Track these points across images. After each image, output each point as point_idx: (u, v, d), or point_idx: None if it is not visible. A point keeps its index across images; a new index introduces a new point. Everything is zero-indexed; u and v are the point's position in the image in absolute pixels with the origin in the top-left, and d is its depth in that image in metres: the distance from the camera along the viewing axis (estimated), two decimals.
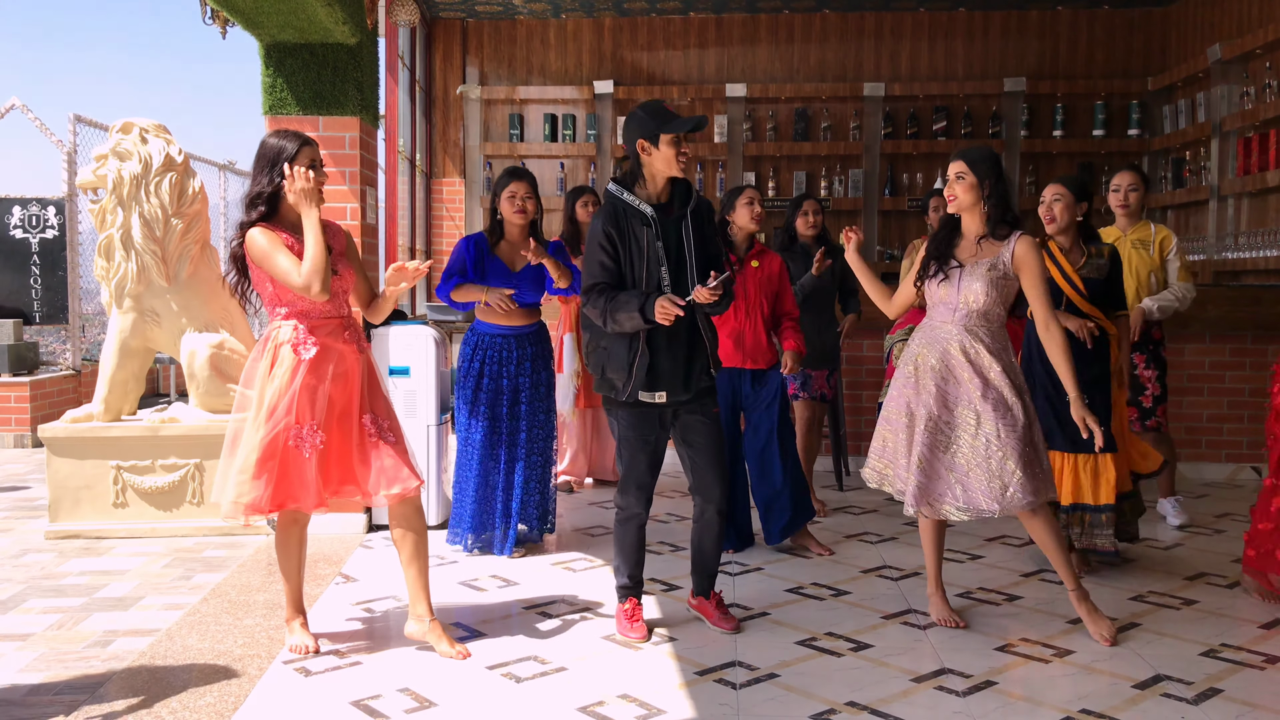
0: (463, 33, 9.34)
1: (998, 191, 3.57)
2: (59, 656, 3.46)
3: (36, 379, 7.84)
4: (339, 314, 3.42)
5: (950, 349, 3.57)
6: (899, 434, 3.66)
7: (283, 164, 3.32)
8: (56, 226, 8.28)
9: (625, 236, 3.47)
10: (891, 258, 8.87)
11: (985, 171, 3.56)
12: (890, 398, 3.73)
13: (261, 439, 3.30)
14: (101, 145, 5.17)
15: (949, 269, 3.60)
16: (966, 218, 3.65)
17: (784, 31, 9.19)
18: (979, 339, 3.56)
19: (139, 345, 5.20)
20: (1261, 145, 7.14)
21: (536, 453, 4.63)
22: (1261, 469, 6.38)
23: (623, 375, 3.48)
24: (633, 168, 3.55)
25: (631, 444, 3.59)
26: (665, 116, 3.45)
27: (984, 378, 3.52)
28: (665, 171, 3.48)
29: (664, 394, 3.51)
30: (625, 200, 3.51)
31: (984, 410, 3.49)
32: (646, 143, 3.45)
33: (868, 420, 6.48)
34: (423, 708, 3.02)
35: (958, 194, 3.60)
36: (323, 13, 4.54)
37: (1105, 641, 3.52)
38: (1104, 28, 8.98)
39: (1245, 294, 6.36)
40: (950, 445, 3.55)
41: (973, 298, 3.55)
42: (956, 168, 3.61)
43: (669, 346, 3.48)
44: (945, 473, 3.54)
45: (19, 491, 6.16)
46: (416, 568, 3.48)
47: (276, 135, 3.40)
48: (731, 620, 3.68)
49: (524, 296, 4.56)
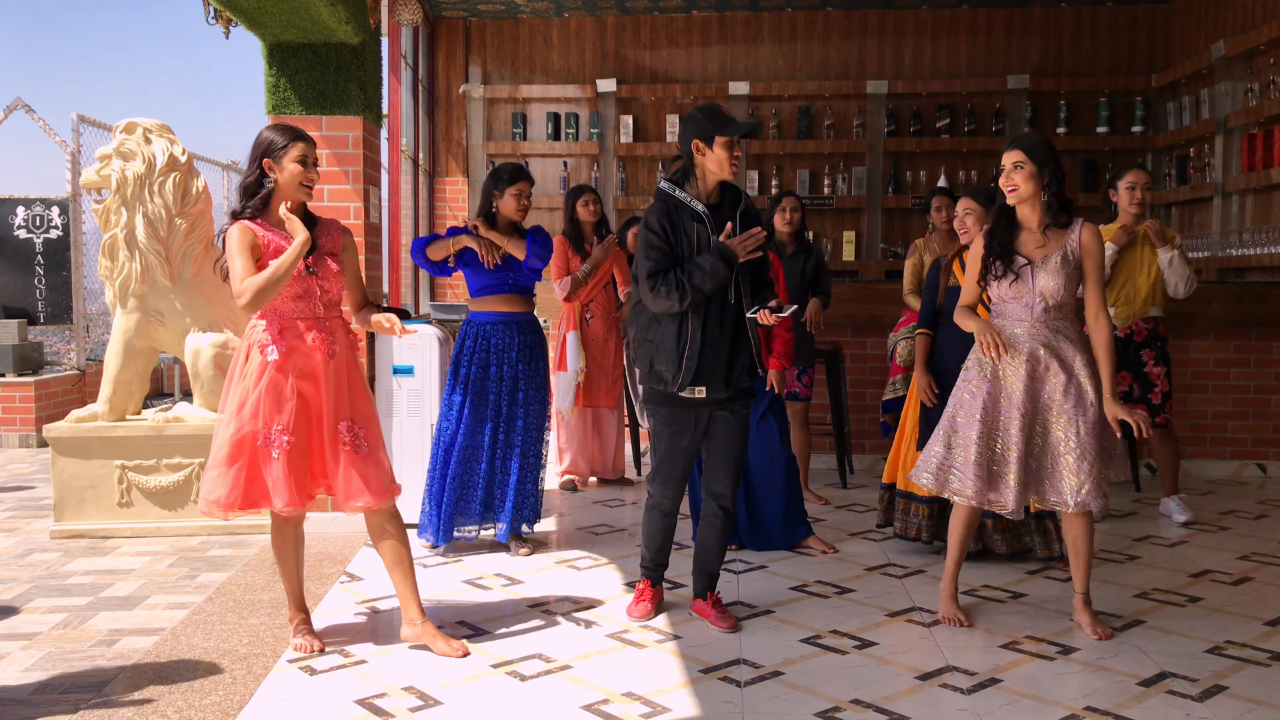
0: (465, 32, 9.34)
1: (1057, 179, 3.50)
2: (64, 655, 3.47)
3: (41, 379, 7.86)
4: (312, 315, 3.37)
5: (1035, 347, 3.51)
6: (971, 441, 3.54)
7: (265, 157, 3.31)
8: (60, 227, 8.29)
9: (677, 231, 3.52)
10: (895, 255, 8.86)
11: (1044, 159, 3.49)
12: (961, 403, 3.62)
13: (230, 436, 3.31)
14: (105, 145, 5.18)
15: (1017, 267, 3.52)
16: (1025, 209, 3.56)
17: (787, 29, 9.18)
18: (1062, 333, 3.51)
19: (143, 345, 5.21)
20: (1266, 142, 7.12)
21: (531, 442, 4.60)
22: (1266, 466, 6.37)
23: (672, 367, 3.52)
24: (685, 167, 3.60)
25: (666, 439, 3.65)
26: (721, 120, 3.50)
27: (1069, 372, 3.48)
28: (717, 174, 3.54)
29: (704, 389, 3.55)
30: (678, 198, 3.56)
31: (1066, 407, 3.47)
32: (702, 143, 3.51)
33: (871, 419, 6.48)
34: (427, 706, 3.02)
35: (1018, 184, 3.51)
36: (326, 12, 4.55)
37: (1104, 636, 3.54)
38: (1108, 24, 8.96)
39: (1249, 291, 6.35)
40: (1044, 443, 3.51)
41: (1050, 293, 3.49)
42: (1014, 157, 3.51)
43: (714, 342, 3.52)
44: (1042, 470, 3.51)
45: (24, 491, 6.17)
46: (400, 573, 3.49)
47: (272, 128, 3.38)
48: (730, 619, 3.68)
49: (519, 280, 4.57)
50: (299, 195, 3.38)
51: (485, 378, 4.53)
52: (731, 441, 3.66)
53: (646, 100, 9.19)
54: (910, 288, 5.89)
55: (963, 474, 3.56)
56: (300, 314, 3.36)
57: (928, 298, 4.49)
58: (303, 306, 3.36)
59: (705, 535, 3.77)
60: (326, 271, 3.40)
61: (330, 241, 3.45)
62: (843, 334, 6.48)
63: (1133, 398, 5.12)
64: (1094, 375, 3.50)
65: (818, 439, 6.54)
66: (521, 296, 4.60)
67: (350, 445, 3.36)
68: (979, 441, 3.53)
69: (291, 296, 3.34)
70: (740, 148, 3.53)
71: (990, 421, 3.55)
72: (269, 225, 3.37)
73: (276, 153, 3.32)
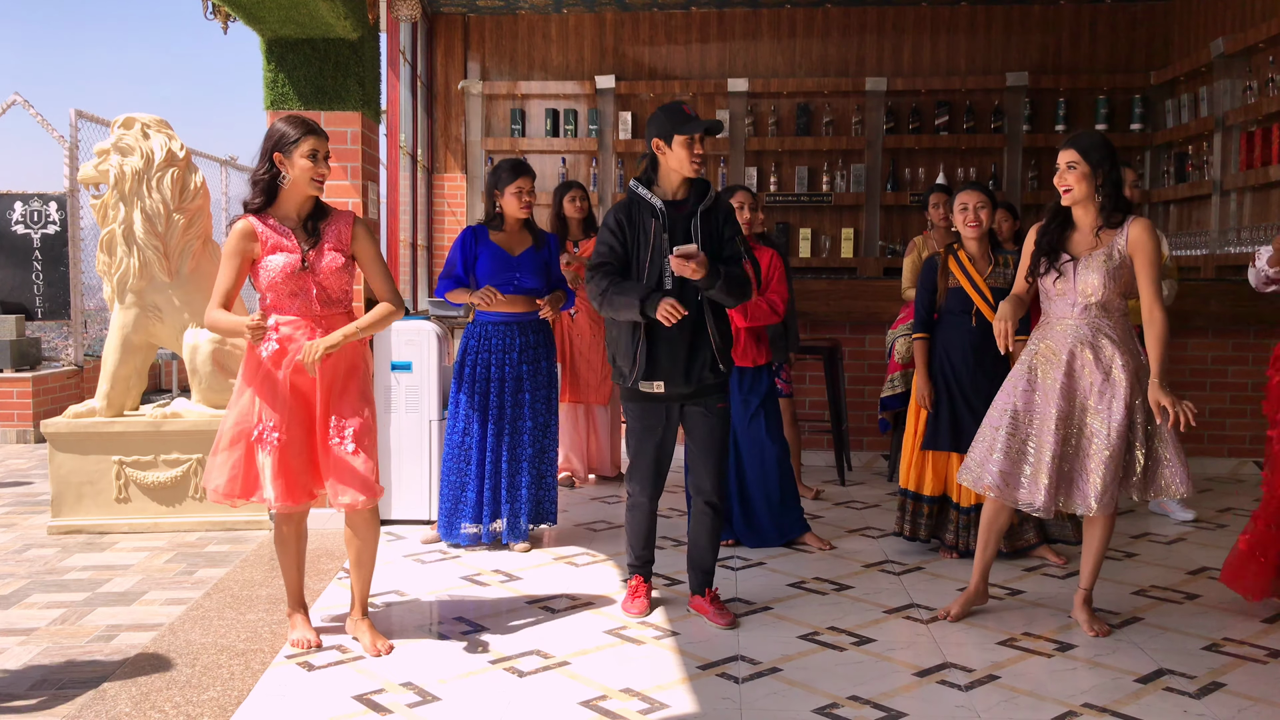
0: (464, 27, 9.32)
1: (1112, 179, 3.45)
2: (62, 651, 3.47)
3: (39, 374, 7.85)
4: (308, 313, 3.35)
5: (1074, 344, 3.49)
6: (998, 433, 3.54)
7: (276, 150, 3.29)
8: (58, 222, 8.28)
9: (634, 227, 3.59)
10: (893, 252, 8.86)
11: (1099, 159, 3.44)
12: (1000, 397, 3.61)
13: (228, 426, 3.35)
14: (103, 140, 5.17)
15: (1061, 264, 3.50)
16: (1079, 210, 3.51)
17: (786, 26, 9.17)
18: (1102, 332, 3.49)
19: (141, 340, 5.20)
20: (1264, 139, 7.12)
21: (538, 442, 4.59)
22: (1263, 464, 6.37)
23: (628, 361, 3.59)
24: (650, 165, 3.64)
25: (638, 434, 3.70)
26: (681, 118, 3.53)
27: (1106, 373, 3.46)
28: (679, 171, 3.58)
29: (661, 384, 3.59)
30: (639, 194, 3.62)
31: (1100, 407, 3.45)
32: (661, 142, 3.56)
33: (869, 415, 6.48)
34: (425, 702, 3.02)
35: (1071, 184, 3.45)
36: (324, 8, 4.54)
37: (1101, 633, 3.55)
38: (1106, 22, 8.96)
39: (1247, 289, 6.33)
40: (1077, 442, 3.49)
41: (1090, 290, 3.46)
42: (1068, 156, 3.45)
43: (668, 338, 3.55)
44: (1073, 471, 3.49)
45: (22, 487, 6.17)
46: (357, 574, 3.50)
47: (285, 120, 3.34)
48: (728, 615, 3.69)
49: (525, 281, 4.55)
50: (310, 190, 3.35)
51: (488, 378, 4.53)
52: (709, 437, 3.68)
53: (645, 97, 9.18)
54: (909, 284, 5.89)
55: (987, 468, 3.57)
56: (296, 310, 3.35)
57: (924, 298, 4.42)
58: (298, 304, 3.34)
59: (696, 532, 3.80)
60: (325, 269, 3.35)
61: (335, 237, 3.39)
62: (841, 330, 6.48)
63: None
64: (1134, 376, 3.45)
65: (816, 436, 6.55)
66: (525, 297, 4.59)
67: (339, 442, 3.34)
68: (1006, 437, 3.53)
69: (286, 294, 3.33)
70: (702, 145, 3.54)
71: (1023, 418, 3.53)
72: (275, 220, 3.36)
73: (287, 146, 3.29)
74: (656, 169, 3.63)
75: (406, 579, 4.21)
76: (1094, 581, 3.67)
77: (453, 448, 4.58)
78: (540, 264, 4.59)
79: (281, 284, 3.31)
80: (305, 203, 3.39)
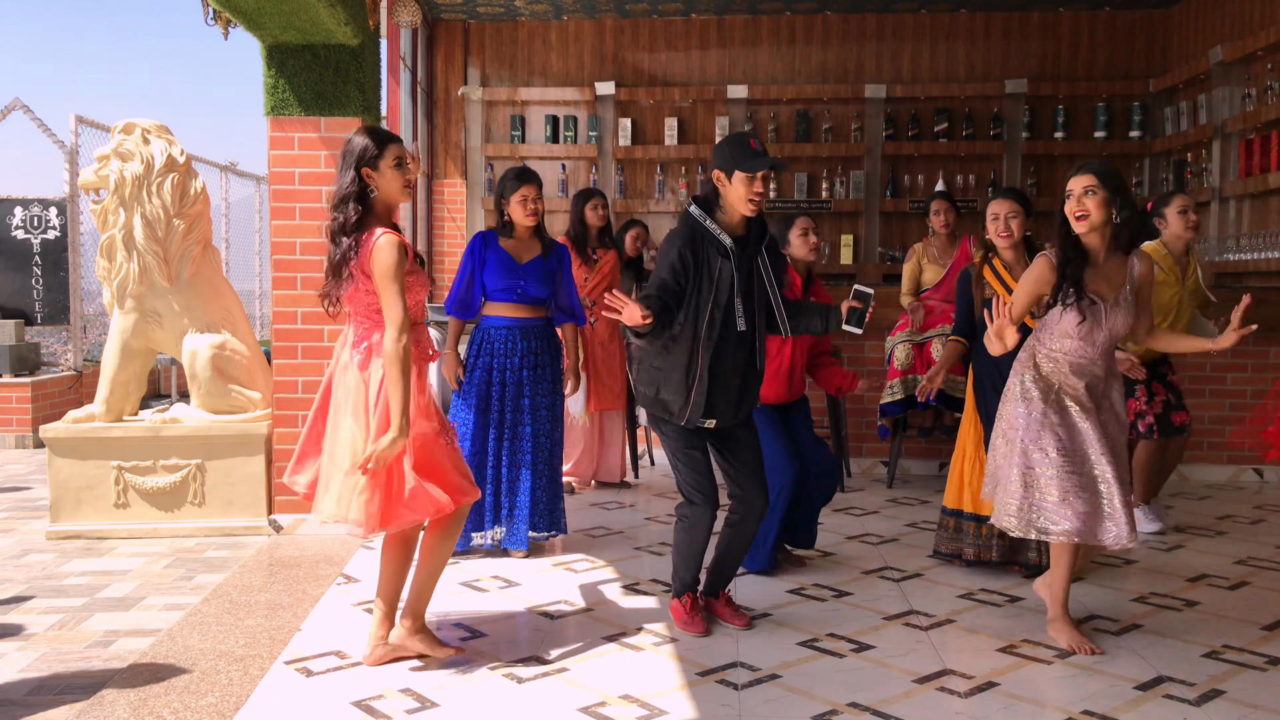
0: (464, 34, 9.34)
1: (1129, 207, 3.39)
2: (60, 656, 3.46)
3: (38, 379, 7.85)
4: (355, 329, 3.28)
5: (1094, 379, 3.49)
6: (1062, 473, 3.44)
7: (365, 165, 3.20)
8: (58, 227, 8.29)
9: (699, 262, 3.46)
10: (892, 259, 8.87)
11: (1117, 185, 3.38)
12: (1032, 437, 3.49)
13: None
14: (103, 146, 5.18)
15: (1086, 306, 3.40)
16: (1093, 237, 3.42)
17: (785, 33, 9.19)
18: (1109, 366, 3.52)
19: (141, 346, 5.20)
20: (1263, 147, 7.13)
21: (542, 449, 4.57)
22: (1263, 470, 6.38)
23: (679, 400, 3.50)
24: (712, 194, 3.55)
25: (684, 458, 3.61)
26: (745, 153, 3.42)
27: (1106, 404, 3.50)
28: (737, 207, 3.48)
29: (714, 421, 3.57)
30: (706, 227, 3.50)
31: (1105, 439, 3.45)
32: (723, 175, 3.48)
33: (868, 422, 6.48)
34: (424, 708, 3.02)
35: (1090, 210, 3.35)
36: (325, 14, 4.55)
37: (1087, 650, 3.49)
38: (1105, 29, 8.98)
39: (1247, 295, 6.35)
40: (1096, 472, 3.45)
41: (1120, 329, 3.46)
42: (1085, 181, 3.36)
43: (725, 376, 3.51)
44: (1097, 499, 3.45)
45: (20, 492, 6.16)
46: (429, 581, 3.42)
47: (362, 133, 3.25)
48: (744, 616, 3.70)
49: (530, 289, 4.55)
50: (401, 197, 3.30)
51: (489, 382, 4.53)
52: (753, 456, 3.68)
53: (645, 103, 9.19)
54: (908, 290, 5.90)
55: (1056, 512, 3.44)
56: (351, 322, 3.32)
57: (963, 309, 4.34)
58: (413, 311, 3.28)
59: (731, 544, 3.72)
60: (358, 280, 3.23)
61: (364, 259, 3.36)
62: (840, 337, 6.48)
63: (1172, 405, 5.05)
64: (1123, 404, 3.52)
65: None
66: (529, 305, 4.59)
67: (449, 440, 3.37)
68: (1067, 475, 3.42)
69: (413, 303, 3.24)
70: (764, 184, 3.44)
71: (1072, 451, 3.45)
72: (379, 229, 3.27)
73: (373, 159, 3.21)
74: (718, 198, 3.53)
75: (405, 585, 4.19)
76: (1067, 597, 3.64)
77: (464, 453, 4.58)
78: (546, 272, 4.59)
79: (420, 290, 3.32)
80: (394, 212, 3.35)
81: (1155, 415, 5.02)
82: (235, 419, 5.08)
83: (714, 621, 3.74)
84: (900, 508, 5.61)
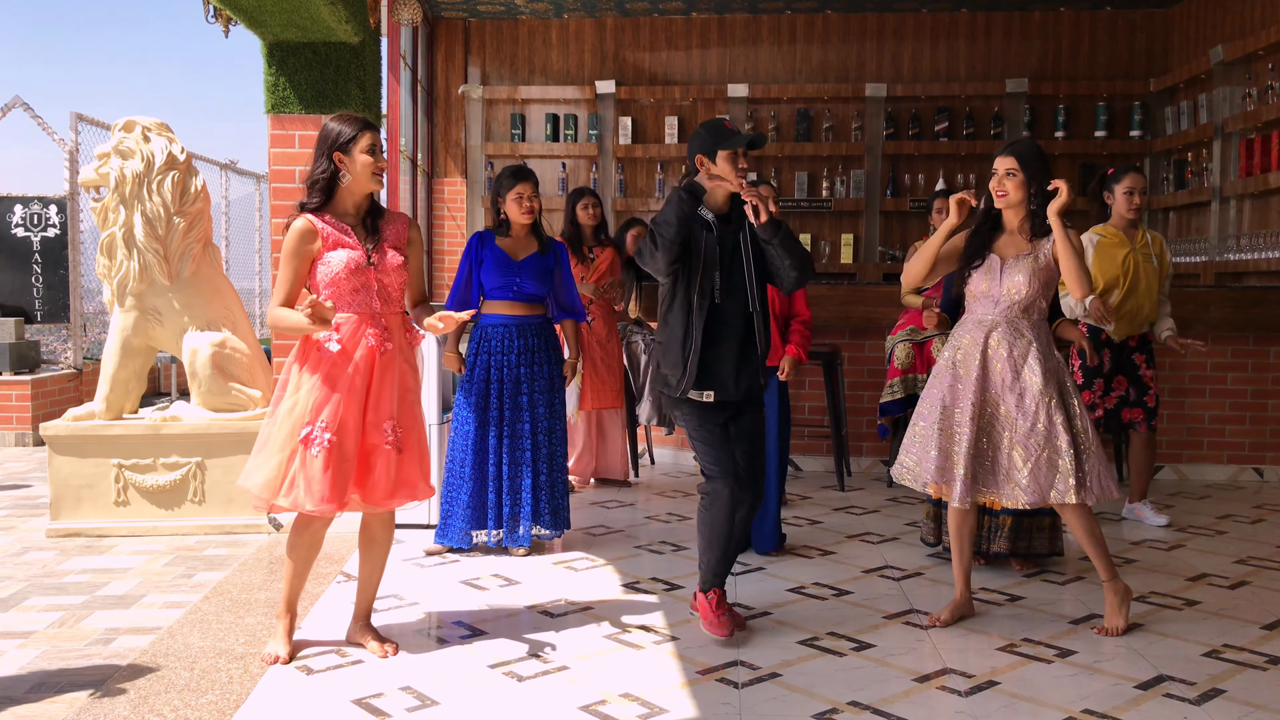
0: (465, 32, 9.34)
1: (1043, 191, 3.59)
2: (61, 654, 3.46)
3: (38, 378, 7.84)
4: (368, 309, 3.34)
5: (990, 339, 3.60)
6: (932, 427, 3.65)
7: (335, 150, 3.29)
8: (58, 225, 8.28)
9: (689, 236, 3.53)
10: (893, 258, 8.87)
11: (1035, 171, 3.58)
12: (926, 394, 3.74)
13: (283, 426, 3.30)
14: (103, 144, 5.17)
15: (990, 264, 3.63)
16: (1010, 213, 3.66)
17: (786, 32, 9.19)
18: (1019, 331, 3.59)
19: (141, 344, 5.20)
20: (1264, 146, 7.14)
21: (542, 446, 4.57)
22: (1263, 470, 6.38)
23: (677, 371, 3.54)
24: (695, 180, 3.61)
25: (703, 438, 3.59)
26: (724, 134, 3.51)
27: (1015, 370, 3.57)
28: (724, 186, 3.53)
29: (712, 393, 3.55)
30: (691, 205, 3.56)
31: (1012, 401, 3.55)
32: (705, 158, 3.53)
33: (869, 421, 6.48)
34: (424, 706, 3.02)
35: (1008, 190, 3.60)
36: (325, 12, 4.55)
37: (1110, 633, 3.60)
38: (1106, 29, 8.98)
39: (1247, 296, 6.36)
40: (993, 436, 3.59)
41: (1015, 290, 3.58)
42: (1007, 164, 3.60)
43: (721, 346, 3.53)
44: (990, 463, 3.59)
45: (20, 490, 6.16)
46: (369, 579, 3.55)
47: (337, 119, 3.34)
48: (737, 619, 3.67)
49: (526, 287, 4.55)
50: (372, 184, 3.35)
51: (487, 380, 4.52)
52: (753, 442, 3.66)
53: (645, 102, 9.19)
54: (909, 289, 5.89)
55: (925, 465, 3.65)
56: (357, 308, 3.33)
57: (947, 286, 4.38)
58: (359, 301, 3.33)
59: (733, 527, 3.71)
60: (386, 266, 3.35)
61: (395, 234, 3.41)
62: (840, 336, 6.48)
63: (1129, 401, 5.12)
64: (1053, 379, 3.56)
65: (815, 441, 6.55)
66: (526, 303, 4.59)
67: (392, 445, 3.34)
68: (938, 433, 3.63)
69: (348, 291, 3.31)
70: (747, 160, 3.51)
71: (950, 412, 3.64)
72: (332, 218, 3.34)
73: (346, 144, 3.29)
74: (701, 184, 3.58)
75: (405, 583, 4.20)
76: (1110, 570, 3.67)
77: (454, 451, 4.58)
78: (543, 270, 4.59)
79: (344, 280, 3.30)
80: (364, 200, 3.39)
81: (1106, 410, 5.11)
82: (235, 417, 5.08)
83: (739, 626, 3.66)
84: (900, 507, 5.61)
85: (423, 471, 3.45)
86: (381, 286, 3.36)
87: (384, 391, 3.35)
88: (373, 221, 3.39)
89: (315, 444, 3.25)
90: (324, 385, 3.29)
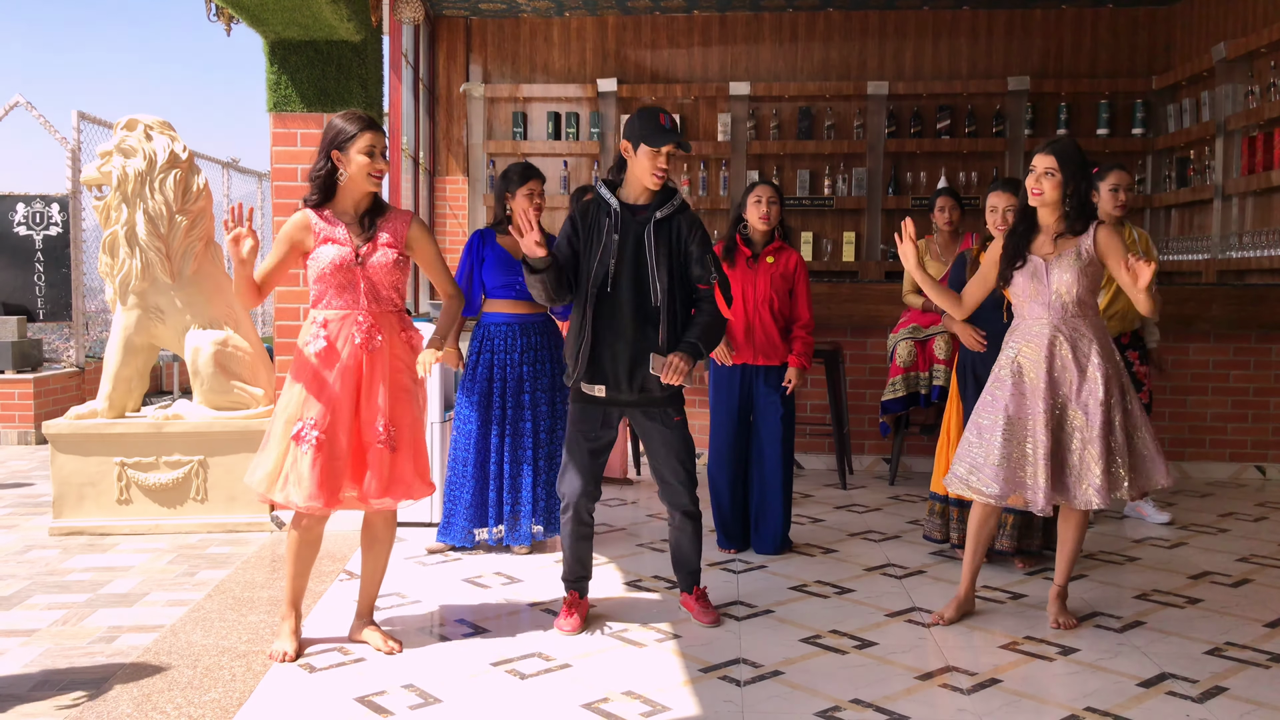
0: (466, 30, 9.34)
1: (1081, 190, 3.55)
2: (64, 652, 3.46)
3: (40, 376, 7.85)
4: (355, 308, 3.34)
5: (1055, 346, 3.54)
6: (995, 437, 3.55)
7: (334, 147, 3.32)
8: (60, 224, 8.28)
9: (589, 226, 3.56)
10: (894, 256, 8.86)
11: (1073, 172, 3.52)
12: (983, 403, 3.65)
13: (278, 423, 3.35)
14: (106, 142, 5.18)
15: (1033, 267, 3.57)
16: (1045, 211, 3.61)
17: (788, 30, 9.18)
18: (1080, 332, 3.55)
19: (143, 342, 5.20)
20: (1266, 144, 7.13)
21: (544, 445, 4.55)
22: (1266, 468, 6.38)
23: (571, 361, 3.57)
24: (618, 166, 3.62)
25: (572, 437, 3.64)
26: (653, 128, 3.48)
27: (1082, 370, 3.52)
28: (641, 179, 3.53)
29: (602, 388, 3.54)
30: (601, 194, 3.60)
31: (1081, 403, 3.50)
32: (629, 145, 3.53)
33: (870, 419, 6.48)
34: (427, 704, 3.02)
35: (1044, 189, 3.54)
36: (327, 10, 4.55)
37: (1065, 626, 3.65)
38: (1108, 26, 8.97)
39: (1249, 293, 6.36)
40: (1061, 438, 3.53)
41: (1064, 287, 3.53)
42: (1046, 162, 3.53)
43: (611, 341, 3.51)
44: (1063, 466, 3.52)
45: (23, 488, 6.17)
46: (371, 578, 3.57)
47: (342, 117, 3.36)
48: (712, 613, 3.69)
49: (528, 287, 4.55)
50: (367, 185, 3.36)
51: (489, 378, 4.52)
52: (667, 450, 3.61)
53: (647, 100, 9.18)
54: (910, 288, 5.89)
55: (984, 474, 3.56)
56: (344, 306, 3.34)
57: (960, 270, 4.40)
58: (346, 298, 3.34)
59: (678, 540, 3.75)
60: (376, 264, 3.35)
61: (392, 233, 3.40)
62: (842, 334, 6.48)
63: None
64: (1111, 370, 3.51)
65: (817, 440, 6.55)
66: (528, 301, 4.58)
67: (384, 443, 3.34)
68: (1003, 442, 3.54)
69: (335, 287, 3.33)
70: (668, 160, 3.49)
71: (1016, 421, 3.55)
72: (331, 214, 3.36)
73: (344, 143, 3.31)
74: (624, 170, 3.59)
75: (408, 581, 4.20)
76: (1068, 578, 3.74)
77: (456, 450, 4.58)
78: None
79: (330, 276, 3.31)
80: (363, 199, 3.40)
81: None
82: (238, 415, 5.08)
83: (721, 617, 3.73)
84: (902, 505, 5.61)
85: (419, 470, 3.43)
86: (370, 285, 3.36)
87: (375, 389, 3.35)
88: (370, 220, 3.39)
89: (305, 441, 3.28)
90: (311, 383, 3.31)
